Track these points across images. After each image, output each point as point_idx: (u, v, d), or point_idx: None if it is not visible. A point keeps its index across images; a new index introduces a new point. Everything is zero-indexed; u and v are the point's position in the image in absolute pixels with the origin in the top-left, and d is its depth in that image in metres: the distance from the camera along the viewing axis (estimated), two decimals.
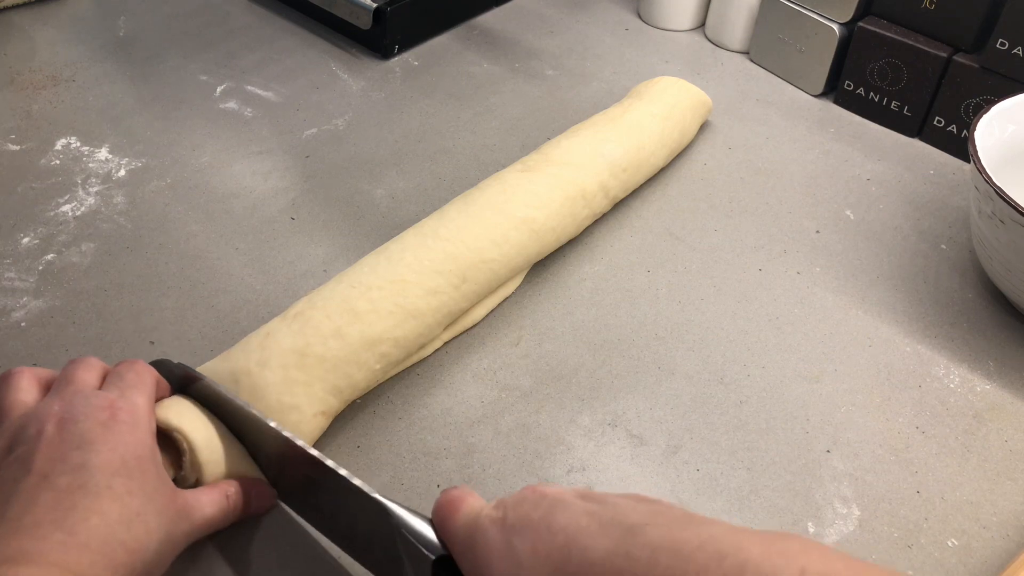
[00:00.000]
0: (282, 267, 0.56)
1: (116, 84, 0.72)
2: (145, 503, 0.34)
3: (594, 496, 0.32)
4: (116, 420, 0.35)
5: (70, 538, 0.31)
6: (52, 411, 0.35)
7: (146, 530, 0.34)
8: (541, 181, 0.54)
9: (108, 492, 0.33)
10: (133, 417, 0.36)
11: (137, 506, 0.34)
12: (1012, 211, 0.47)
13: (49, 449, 0.34)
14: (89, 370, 0.39)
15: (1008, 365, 0.51)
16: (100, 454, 0.34)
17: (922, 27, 0.66)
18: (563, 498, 0.32)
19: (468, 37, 0.81)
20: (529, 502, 0.32)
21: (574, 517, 0.30)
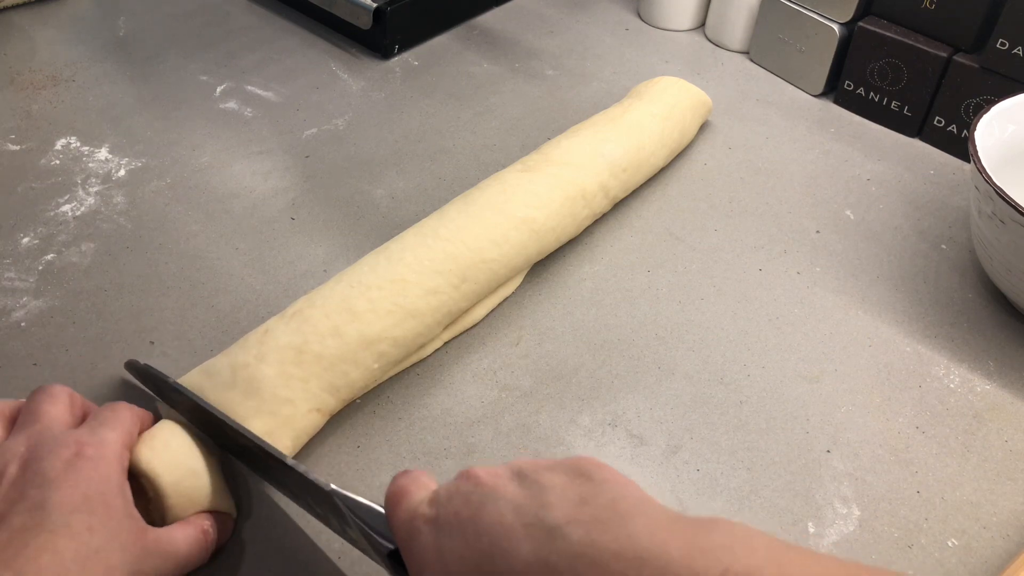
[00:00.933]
0: (282, 267, 0.56)
1: (116, 84, 0.72)
2: (107, 540, 0.33)
3: (527, 476, 0.30)
4: (81, 457, 0.34)
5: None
6: (18, 451, 0.35)
7: (106, 568, 0.32)
8: (541, 181, 0.54)
9: (65, 530, 0.32)
10: (99, 452, 0.35)
11: (97, 543, 0.32)
12: (1012, 211, 0.47)
13: (10, 490, 0.33)
14: (55, 403, 0.38)
15: (1008, 365, 0.51)
16: (60, 491, 0.33)
17: (922, 27, 0.66)
18: (495, 487, 0.30)
19: (468, 37, 0.81)
20: (461, 496, 0.31)
21: (501, 514, 0.29)
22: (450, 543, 0.30)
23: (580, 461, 0.31)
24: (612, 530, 0.27)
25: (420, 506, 0.32)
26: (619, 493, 0.29)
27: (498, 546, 0.28)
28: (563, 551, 0.27)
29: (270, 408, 0.42)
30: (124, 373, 0.48)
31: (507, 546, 0.28)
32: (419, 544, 0.31)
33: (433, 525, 0.31)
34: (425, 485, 0.33)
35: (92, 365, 0.49)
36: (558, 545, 0.27)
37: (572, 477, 0.30)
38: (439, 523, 0.31)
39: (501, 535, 0.28)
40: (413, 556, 0.31)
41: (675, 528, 0.27)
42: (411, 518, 0.32)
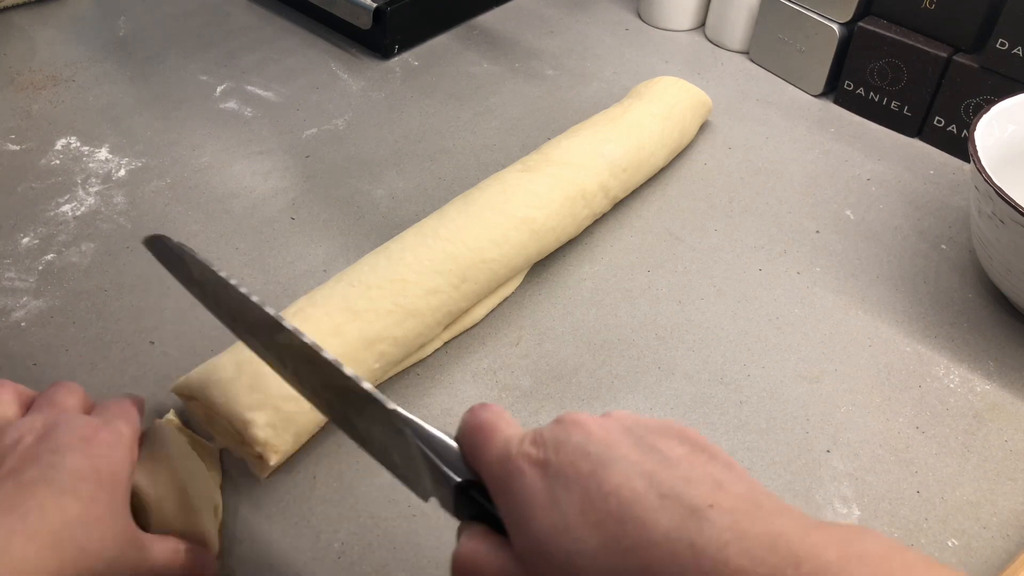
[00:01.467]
0: (282, 267, 0.56)
1: (116, 84, 0.72)
2: (106, 514, 0.33)
3: (643, 438, 0.29)
4: (97, 437, 0.35)
5: (20, 523, 0.31)
6: (34, 426, 0.35)
7: (101, 537, 0.33)
8: (541, 181, 0.54)
9: (72, 492, 0.33)
10: (114, 439, 0.36)
11: (99, 513, 0.33)
12: (1012, 211, 0.47)
13: (24, 452, 0.34)
14: (71, 394, 0.38)
15: (1008, 365, 0.51)
16: (73, 458, 0.33)
17: (922, 27, 0.66)
18: (612, 444, 0.29)
19: (468, 37, 0.81)
20: (572, 447, 0.29)
21: (629, 479, 0.27)
22: (567, 495, 0.28)
23: (683, 429, 0.30)
24: (759, 524, 0.26)
25: (522, 445, 0.30)
26: (750, 483, 0.28)
27: (630, 512, 0.27)
28: (710, 536, 0.26)
29: (274, 403, 0.42)
30: (124, 373, 0.48)
31: (641, 515, 0.27)
32: (522, 485, 0.29)
33: (542, 469, 0.29)
34: (510, 422, 0.32)
35: (92, 365, 0.49)
36: (703, 528, 0.26)
37: (691, 448, 0.29)
38: (550, 469, 0.29)
39: (632, 501, 0.27)
40: (514, 495, 0.29)
41: (826, 531, 0.25)
42: (511, 455, 0.30)
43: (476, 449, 0.31)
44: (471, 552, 0.30)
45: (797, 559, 0.24)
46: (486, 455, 0.31)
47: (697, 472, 0.28)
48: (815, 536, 0.25)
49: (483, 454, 0.31)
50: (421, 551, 0.41)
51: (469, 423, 0.32)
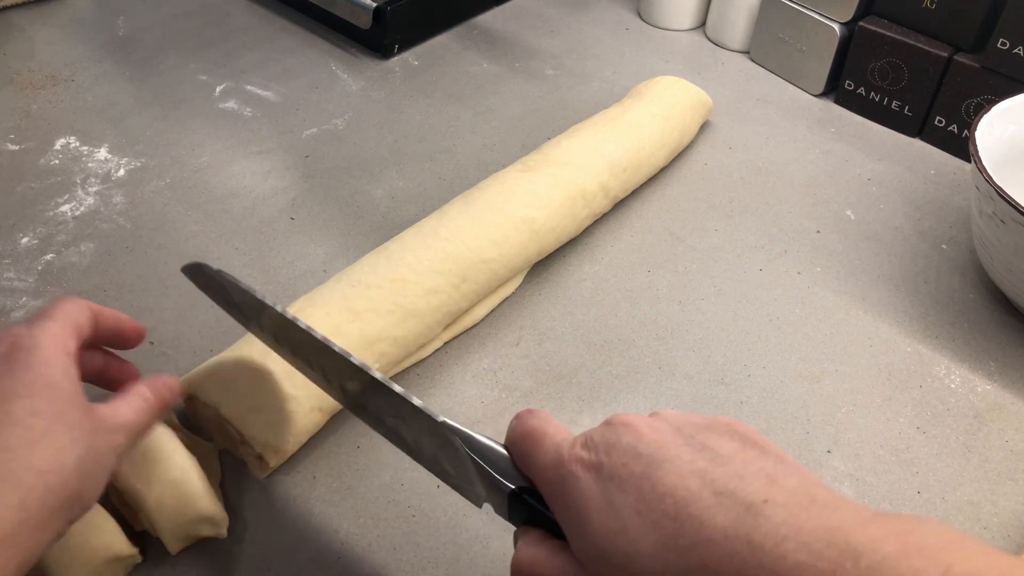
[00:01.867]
0: (282, 267, 0.56)
1: (115, 84, 0.72)
2: (53, 421, 0.32)
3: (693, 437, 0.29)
4: (16, 348, 0.34)
5: None
6: None
7: (55, 448, 0.32)
8: (541, 181, 0.54)
9: (6, 418, 0.32)
10: (34, 342, 0.34)
11: (43, 426, 0.32)
12: (1013, 211, 0.46)
13: None
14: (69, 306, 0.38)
15: (1009, 365, 0.51)
16: None
17: (923, 27, 0.66)
18: (663, 444, 0.29)
19: (468, 37, 0.81)
20: (624, 449, 0.29)
21: (683, 478, 0.28)
22: (622, 497, 0.28)
23: (732, 424, 0.30)
24: (815, 518, 0.26)
25: (573, 448, 0.30)
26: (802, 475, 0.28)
27: (685, 511, 0.27)
28: (767, 531, 0.26)
29: (274, 404, 0.42)
30: None
31: (697, 513, 0.27)
32: (578, 489, 0.29)
33: (596, 473, 0.29)
34: (558, 427, 0.32)
35: None
36: (760, 524, 0.26)
37: (741, 444, 0.29)
38: (603, 472, 0.29)
39: (687, 499, 0.27)
40: (569, 498, 0.30)
41: (883, 523, 0.25)
42: (563, 460, 0.30)
43: (527, 456, 0.32)
44: (531, 557, 0.30)
45: (856, 553, 0.24)
46: (538, 461, 0.31)
47: (750, 468, 0.28)
48: (873, 529, 0.25)
49: (535, 460, 0.31)
50: (421, 551, 0.41)
51: (517, 430, 0.32)
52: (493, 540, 0.41)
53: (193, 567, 0.40)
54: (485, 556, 0.41)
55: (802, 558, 0.25)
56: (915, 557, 0.24)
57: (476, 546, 0.41)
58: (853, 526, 0.25)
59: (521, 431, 0.32)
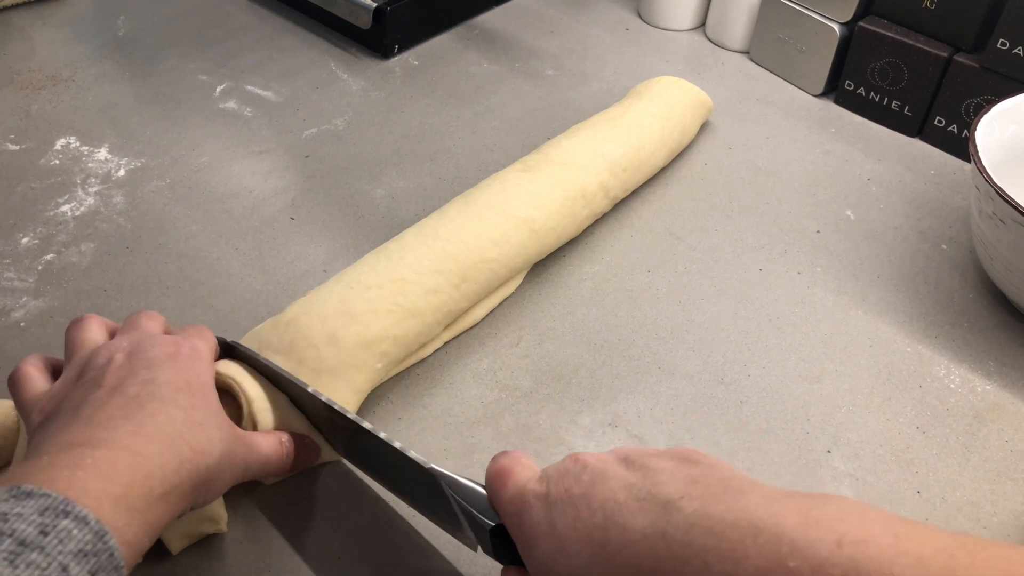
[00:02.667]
0: (282, 267, 0.56)
1: (116, 84, 0.72)
2: (208, 418, 0.36)
3: (635, 461, 0.32)
4: (180, 353, 0.38)
5: (139, 428, 0.33)
6: (121, 344, 0.38)
7: (208, 439, 0.35)
8: (541, 181, 0.54)
9: (173, 402, 0.35)
10: (194, 353, 0.38)
11: (200, 418, 0.36)
12: (1013, 211, 0.46)
13: (119, 370, 0.36)
14: (152, 319, 0.41)
15: (1009, 365, 0.51)
16: (166, 373, 0.36)
17: (923, 27, 0.66)
18: (604, 470, 0.32)
19: (468, 37, 0.81)
20: (571, 475, 0.32)
21: (613, 492, 0.30)
22: (562, 518, 0.31)
23: (686, 450, 0.32)
24: (726, 502, 0.28)
25: (529, 483, 0.33)
26: (729, 473, 0.30)
27: (612, 520, 0.30)
28: (678, 522, 0.28)
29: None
30: None
31: (621, 520, 0.29)
32: (530, 518, 0.32)
33: (544, 501, 0.32)
34: (528, 466, 0.35)
35: None
36: (673, 517, 0.28)
37: (679, 462, 0.31)
38: (550, 499, 0.32)
39: (614, 510, 0.30)
40: (523, 529, 0.32)
41: (788, 501, 0.27)
42: (520, 494, 0.33)
43: (495, 494, 0.35)
44: None
45: (756, 529, 0.26)
46: (503, 497, 0.34)
47: (676, 475, 0.30)
48: (776, 507, 0.27)
49: (501, 497, 0.34)
50: (421, 551, 0.41)
51: (490, 470, 0.35)
52: None
53: (193, 567, 0.40)
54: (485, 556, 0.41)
55: (707, 542, 0.27)
56: (812, 528, 0.26)
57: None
58: (758, 506, 0.27)
59: (492, 471, 0.35)
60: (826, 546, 0.25)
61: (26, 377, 0.38)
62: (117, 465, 0.31)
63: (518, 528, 0.33)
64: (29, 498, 0.29)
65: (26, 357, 0.40)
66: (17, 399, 0.38)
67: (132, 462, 0.32)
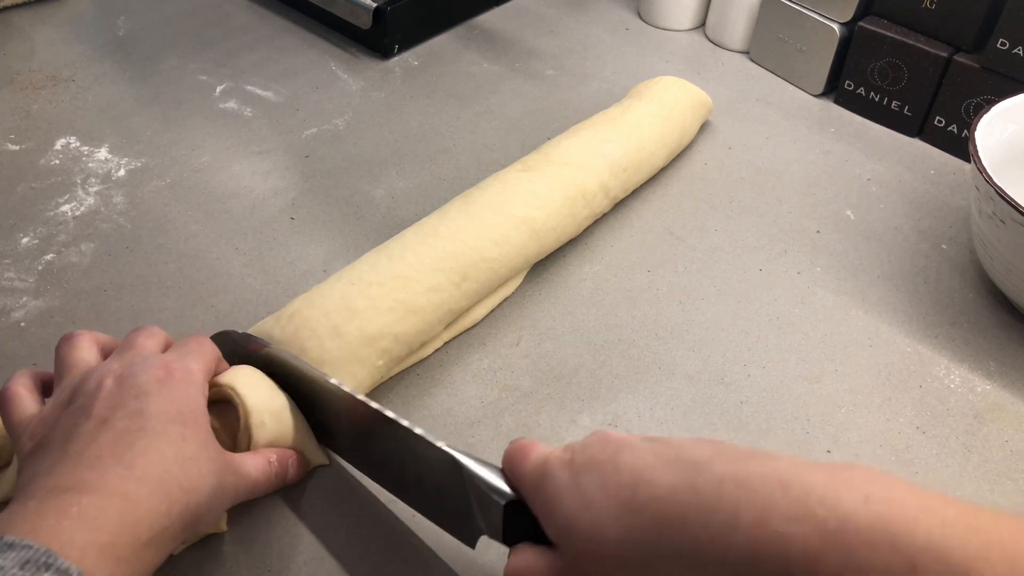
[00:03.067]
0: (282, 267, 0.56)
1: (116, 84, 0.72)
2: (198, 450, 0.36)
3: (659, 439, 0.33)
4: (171, 378, 0.37)
5: (128, 471, 0.33)
6: (112, 368, 0.37)
7: (199, 473, 0.35)
8: (541, 181, 0.54)
9: (164, 436, 0.35)
10: (186, 377, 0.38)
11: (191, 451, 0.35)
12: (1013, 211, 0.47)
13: (109, 399, 0.35)
14: (150, 337, 0.40)
15: (1009, 365, 0.51)
16: (156, 402, 0.35)
17: (922, 27, 0.66)
18: (630, 441, 0.33)
19: (468, 37, 0.81)
20: (596, 445, 0.33)
21: (640, 455, 0.31)
22: (588, 479, 0.32)
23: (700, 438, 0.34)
24: (755, 463, 0.29)
25: (553, 452, 0.34)
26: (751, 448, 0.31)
27: (640, 477, 0.30)
28: (708, 478, 0.29)
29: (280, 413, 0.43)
30: None
31: (649, 476, 0.30)
32: (554, 483, 0.33)
33: (569, 466, 0.33)
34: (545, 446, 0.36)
35: None
36: (703, 474, 0.29)
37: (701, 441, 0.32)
38: (575, 464, 0.33)
39: (642, 468, 0.31)
40: (546, 494, 0.33)
41: (815, 465, 0.28)
42: (543, 462, 0.34)
43: (516, 465, 0.35)
44: (521, 561, 0.34)
45: (786, 484, 0.27)
46: (524, 467, 0.35)
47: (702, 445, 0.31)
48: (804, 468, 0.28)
49: (521, 467, 0.35)
50: (421, 551, 0.41)
51: (510, 448, 0.36)
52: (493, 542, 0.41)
53: (193, 567, 0.40)
54: (485, 556, 0.41)
55: (738, 494, 0.28)
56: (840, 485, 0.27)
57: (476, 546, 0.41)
58: (789, 468, 0.28)
59: (513, 447, 0.36)
60: (853, 501, 0.26)
61: (14, 398, 0.38)
62: (105, 513, 0.31)
63: (540, 492, 0.33)
64: (11, 549, 0.28)
65: (14, 375, 0.39)
66: (5, 421, 0.37)
67: (120, 508, 0.32)
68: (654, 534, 0.29)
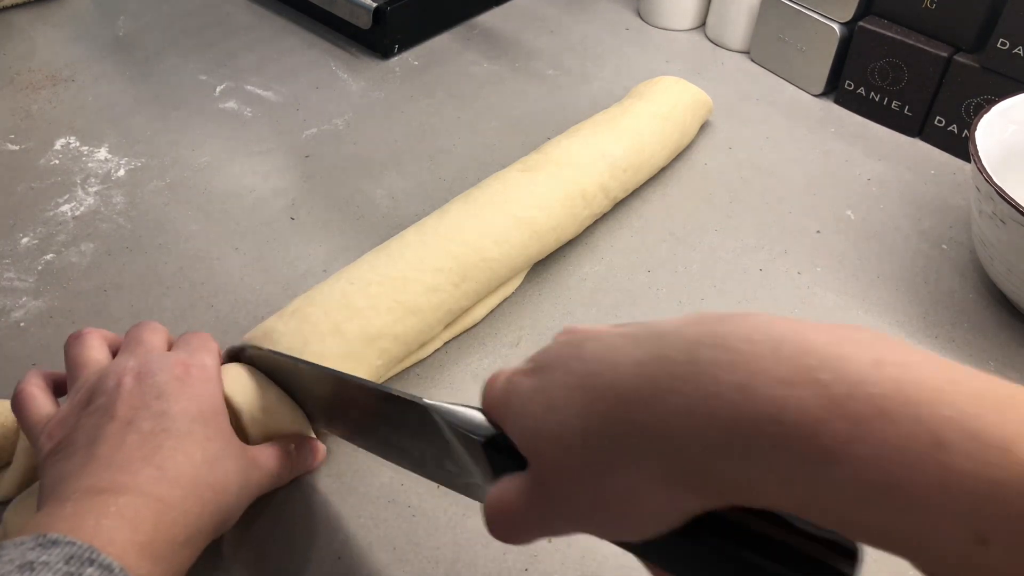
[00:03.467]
0: (282, 267, 0.56)
1: (115, 84, 0.72)
2: (223, 449, 0.36)
3: (633, 323, 0.28)
4: (190, 376, 0.37)
5: (161, 473, 0.33)
6: (128, 366, 0.37)
7: (225, 472, 0.35)
8: (541, 181, 0.54)
9: (189, 436, 0.35)
10: (204, 374, 0.38)
11: (216, 451, 0.35)
12: (1013, 211, 0.46)
13: (130, 398, 0.35)
14: (155, 332, 0.40)
15: (1009, 366, 0.51)
16: (178, 403, 0.35)
17: (922, 27, 0.66)
18: (597, 330, 0.28)
19: (468, 37, 0.81)
20: (559, 343, 0.29)
21: (606, 340, 0.27)
22: (550, 377, 0.27)
23: None
24: (737, 322, 0.24)
25: (516, 369, 0.30)
26: None
27: (604, 362, 0.26)
28: (678, 344, 0.24)
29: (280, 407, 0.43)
30: None
31: (613, 359, 0.26)
32: (518, 396, 0.29)
33: (531, 374, 0.29)
34: None
35: None
36: (673, 340, 0.24)
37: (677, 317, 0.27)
38: (537, 368, 0.29)
39: (606, 352, 0.26)
40: (513, 410, 0.29)
41: (811, 324, 0.23)
42: (508, 380, 0.30)
43: (487, 397, 0.31)
44: (497, 491, 0.29)
45: (777, 342, 0.22)
46: (493, 393, 0.31)
47: (678, 318, 0.26)
48: (802, 327, 0.23)
49: (491, 395, 0.31)
50: (421, 551, 0.41)
51: (485, 384, 0.32)
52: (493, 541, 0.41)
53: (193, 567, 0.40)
54: (485, 556, 0.41)
55: (716, 355, 0.23)
56: (846, 345, 0.22)
57: (476, 546, 0.41)
58: (780, 324, 0.23)
59: (486, 381, 0.32)
60: (862, 364, 0.21)
61: (30, 399, 0.38)
62: (141, 513, 0.32)
63: (507, 410, 0.29)
64: (55, 546, 0.29)
65: (27, 375, 0.39)
66: (23, 422, 0.38)
67: (156, 509, 0.32)
68: (621, 421, 0.24)
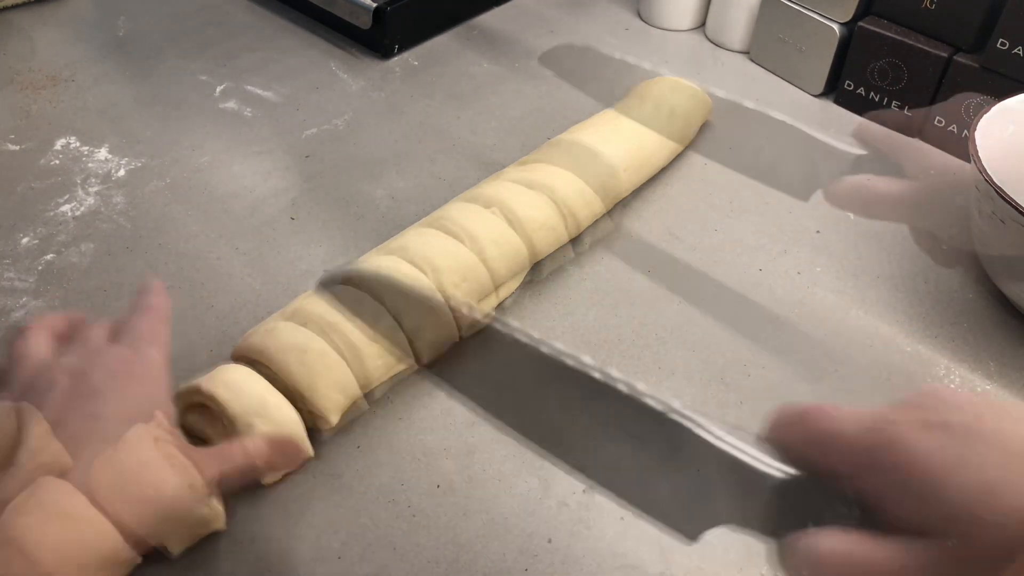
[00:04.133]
0: (282, 267, 0.56)
1: (116, 84, 0.72)
2: (155, 453, 0.34)
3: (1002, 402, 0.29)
4: (129, 374, 0.36)
5: (77, 485, 0.32)
6: (67, 366, 0.36)
7: (157, 480, 0.34)
8: (541, 181, 0.54)
9: (120, 440, 0.34)
10: (145, 371, 0.36)
11: (147, 456, 0.34)
12: (1012, 211, 0.46)
13: (64, 400, 0.34)
14: (102, 328, 0.40)
15: (1009, 366, 0.51)
16: (113, 403, 0.34)
17: (922, 27, 0.66)
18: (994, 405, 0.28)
19: (468, 37, 0.81)
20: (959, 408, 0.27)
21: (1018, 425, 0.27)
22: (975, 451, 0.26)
23: None
24: None
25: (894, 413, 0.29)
26: None
27: None
28: None
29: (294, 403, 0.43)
30: None
31: None
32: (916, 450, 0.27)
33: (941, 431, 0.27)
34: None
35: None
36: None
37: None
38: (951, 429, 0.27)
39: None
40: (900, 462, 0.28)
41: None
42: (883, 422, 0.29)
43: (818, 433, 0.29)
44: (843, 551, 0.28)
45: None
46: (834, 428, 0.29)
47: None
48: None
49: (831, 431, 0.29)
50: (421, 551, 0.41)
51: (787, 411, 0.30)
52: (493, 541, 0.41)
53: (193, 567, 0.40)
54: (485, 556, 0.41)
55: None
56: None
57: (476, 546, 0.41)
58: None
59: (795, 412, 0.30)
60: None
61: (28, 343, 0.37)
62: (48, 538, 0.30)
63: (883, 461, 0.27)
64: None
65: None
66: None
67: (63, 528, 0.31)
68: None
